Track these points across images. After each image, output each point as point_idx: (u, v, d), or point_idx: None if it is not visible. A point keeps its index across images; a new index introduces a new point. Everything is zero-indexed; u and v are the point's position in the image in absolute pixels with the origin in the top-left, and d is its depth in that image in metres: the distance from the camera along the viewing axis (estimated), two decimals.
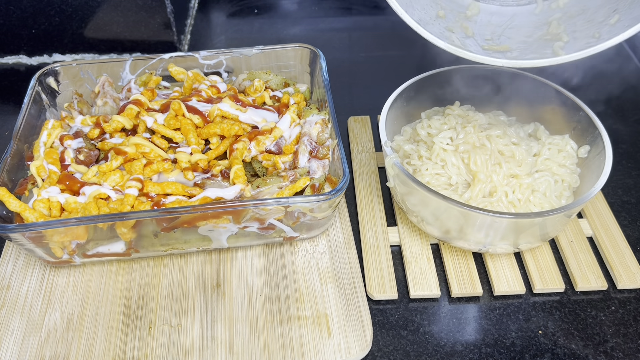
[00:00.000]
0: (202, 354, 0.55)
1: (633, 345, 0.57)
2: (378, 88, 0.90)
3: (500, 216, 0.55)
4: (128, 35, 0.94)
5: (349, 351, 0.55)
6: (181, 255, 0.64)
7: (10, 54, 0.96)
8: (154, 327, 0.58)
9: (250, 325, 0.57)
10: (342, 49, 1.00)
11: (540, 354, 0.57)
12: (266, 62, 0.76)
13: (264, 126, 0.65)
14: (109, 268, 0.63)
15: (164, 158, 0.63)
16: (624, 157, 0.78)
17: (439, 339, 0.58)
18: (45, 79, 0.71)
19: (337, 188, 0.57)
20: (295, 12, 1.09)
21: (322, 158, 0.63)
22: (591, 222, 0.67)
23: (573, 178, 0.63)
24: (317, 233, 0.64)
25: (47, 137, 0.65)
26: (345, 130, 0.82)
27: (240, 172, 0.60)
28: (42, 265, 0.63)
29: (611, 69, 0.93)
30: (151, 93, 0.70)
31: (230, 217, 0.58)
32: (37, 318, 0.58)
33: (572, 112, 0.67)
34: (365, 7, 1.10)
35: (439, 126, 0.67)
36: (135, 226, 0.57)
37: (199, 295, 0.60)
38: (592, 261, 0.63)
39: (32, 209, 0.58)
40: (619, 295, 0.62)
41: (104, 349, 0.56)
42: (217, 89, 0.71)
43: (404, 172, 0.58)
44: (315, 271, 0.62)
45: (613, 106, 0.85)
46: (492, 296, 0.62)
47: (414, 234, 0.66)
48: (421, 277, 0.62)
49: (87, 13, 0.91)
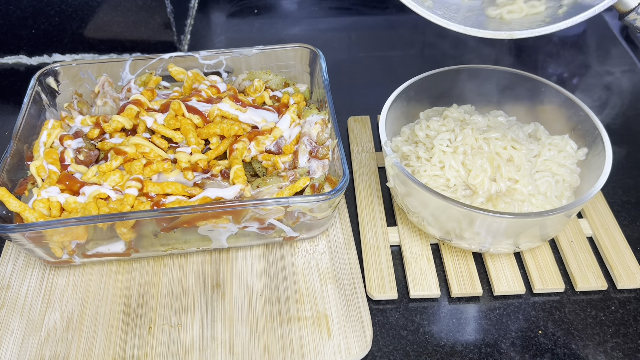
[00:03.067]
0: (202, 354, 0.55)
1: (633, 345, 0.57)
2: (378, 88, 0.90)
3: (500, 216, 0.55)
4: (128, 35, 0.94)
5: (348, 351, 0.55)
6: (181, 255, 0.64)
7: (10, 54, 0.96)
8: (153, 327, 0.58)
9: (250, 325, 0.57)
10: (342, 49, 1.00)
11: (540, 354, 0.57)
12: (266, 62, 0.76)
13: (264, 126, 0.65)
14: (109, 268, 0.63)
15: (164, 158, 0.63)
16: (624, 157, 0.78)
17: (439, 339, 0.58)
18: (45, 79, 0.71)
19: (337, 188, 0.57)
20: (295, 12, 1.09)
21: (322, 158, 0.63)
22: (591, 222, 0.67)
23: (573, 178, 0.63)
24: (317, 233, 0.64)
25: (47, 137, 0.65)
26: (345, 130, 0.82)
27: (240, 172, 0.60)
28: (42, 265, 0.63)
29: (611, 69, 0.93)
30: (151, 93, 0.70)
31: (230, 217, 0.58)
32: (36, 318, 0.58)
33: (572, 112, 0.67)
34: (365, 7, 1.10)
35: (437, 128, 0.67)
36: (135, 226, 0.57)
37: (199, 295, 0.60)
38: (592, 261, 0.63)
39: (32, 209, 0.58)
40: (619, 295, 0.62)
41: (103, 349, 0.56)
42: (217, 89, 0.71)
43: (404, 172, 0.58)
44: (315, 271, 0.62)
45: (613, 106, 0.85)
46: (492, 296, 0.62)
47: (414, 234, 0.66)
48: (421, 277, 0.62)
49: (87, 13, 0.91)
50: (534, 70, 0.71)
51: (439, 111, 0.72)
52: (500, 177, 0.61)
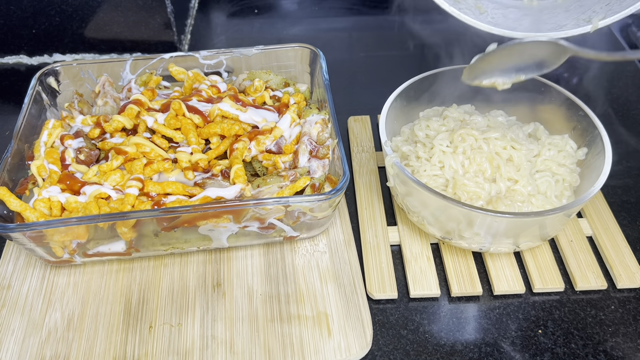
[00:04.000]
0: (202, 354, 0.55)
1: (633, 345, 0.57)
2: (378, 88, 0.90)
3: (500, 216, 0.55)
4: (128, 35, 0.94)
5: (349, 350, 0.56)
6: (181, 254, 0.64)
7: (10, 54, 0.96)
8: (154, 327, 0.58)
9: (250, 325, 0.58)
10: (342, 49, 1.00)
11: (540, 354, 0.57)
12: (266, 62, 0.76)
13: (264, 126, 0.65)
14: (110, 268, 0.63)
15: (165, 158, 0.63)
16: (624, 157, 0.78)
17: (439, 339, 0.58)
18: (45, 79, 0.71)
19: (337, 188, 0.57)
20: (295, 12, 1.10)
21: (322, 158, 0.64)
22: (591, 222, 0.67)
23: (573, 177, 0.63)
24: (317, 232, 0.65)
25: (48, 137, 0.65)
26: (345, 130, 0.82)
27: (240, 171, 0.61)
28: (43, 265, 0.63)
29: (611, 69, 0.93)
30: (151, 93, 0.70)
31: (231, 217, 0.58)
32: (37, 318, 0.59)
33: (572, 112, 0.67)
34: (365, 7, 1.10)
35: (437, 127, 0.67)
36: (136, 226, 0.57)
37: (200, 295, 0.60)
38: (592, 261, 0.64)
39: (32, 209, 0.58)
40: (619, 294, 0.62)
41: (104, 349, 0.56)
42: (218, 89, 0.71)
43: (404, 171, 0.59)
44: (315, 271, 0.62)
45: (613, 106, 0.85)
46: (492, 296, 0.62)
47: (414, 234, 0.66)
48: (421, 277, 0.62)
49: (88, 13, 0.91)
50: None
51: (439, 111, 0.72)
52: (500, 177, 0.61)
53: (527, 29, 0.60)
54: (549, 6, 0.63)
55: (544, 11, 0.63)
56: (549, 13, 0.62)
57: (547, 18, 0.62)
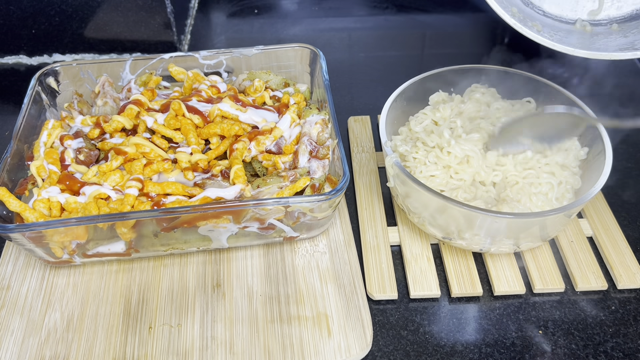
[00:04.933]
0: (202, 354, 0.55)
1: (633, 345, 0.57)
2: (378, 88, 0.90)
3: (501, 216, 0.55)
4: (128, 35, 0.94)
5: (349, 351, 0.56)
6: (181, 255, 0.64)
7: (10, 54, 0.96)
8: (154, 327, 0.58)
9: (250, 325, 0.57)
10: (342, 49, 1.00)
11: (540, 354, 0.57)
12: (266, 62, 0.76)
13: (264, 126, 0.65)
14: (109, 268, 0.63)
15: (164, 158, 0.63)
16: (624, 157, 0.78)
17: (439, 339, 0.58)
18: (45, 79, 0.71)
19: (337, 188, 0.57)
20: (295, 12, 1.09)
21: (322, 158, 0.63)
22: (591, 222, 0.67)
23: (575, 180, 0.63)
24: (317, 233, 0.64)
25: (47, 137, 0.65)
26: (345, 130, 0.82)
27: (240, 172, 0.61)
28: (42, 265, 0.63)
29: (611, 69, 0.93)
30: (151, 93, 0.70)
31: (231, 217, 0.58)
32: (37, 318, 0.59)
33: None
34: (365, 7, 1.10)
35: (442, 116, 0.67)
36: (136, 226, 0.57)
37: (199, 295, 0.60)
38: (592, 261, 0.63)
39: (32, 209, 0.58)
40: (619, 295, 0.62)
41: (104, 349, 0.56)
42: (217, 89, 0.71)
43: (404, 171, 0.58)
44: (315, 271, 0.62)
45: (613, 106, 0.85)
46: (492, 296, 0.62)
47: (414, 234, 0.66)
48: (421, 277, 0.62)
49: (87, 13, 0.91)
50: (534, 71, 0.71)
51: (452, 97, 0.71)
52: (502, 176, 0.61)
53: (586, 48, 0.59)
54: (603, 32, 0.62)
55: (596, 37, 0.62)
56: (605, 38, 0.61)
57: (602, 45, 0.60)
